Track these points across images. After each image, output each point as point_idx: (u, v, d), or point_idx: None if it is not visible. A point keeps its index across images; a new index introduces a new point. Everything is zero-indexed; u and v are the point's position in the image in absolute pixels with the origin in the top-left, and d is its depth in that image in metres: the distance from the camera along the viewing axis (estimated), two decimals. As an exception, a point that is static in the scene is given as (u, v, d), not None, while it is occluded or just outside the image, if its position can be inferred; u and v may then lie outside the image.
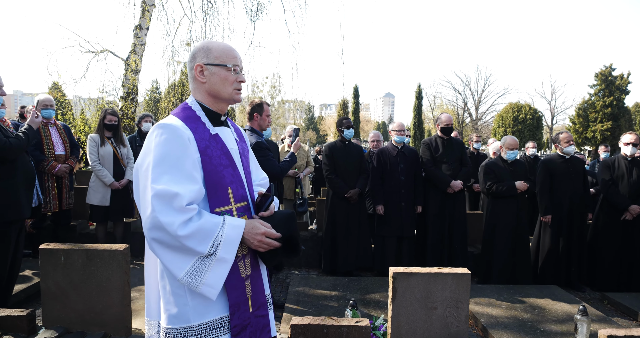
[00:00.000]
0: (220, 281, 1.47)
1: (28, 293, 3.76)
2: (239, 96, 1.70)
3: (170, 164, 1.45)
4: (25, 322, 2.29)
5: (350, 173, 4.97)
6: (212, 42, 1.68)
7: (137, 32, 10.98)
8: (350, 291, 4.11)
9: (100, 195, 4.76)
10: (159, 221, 1.37)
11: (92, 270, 2.32)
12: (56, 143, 4.71)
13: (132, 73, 10.70)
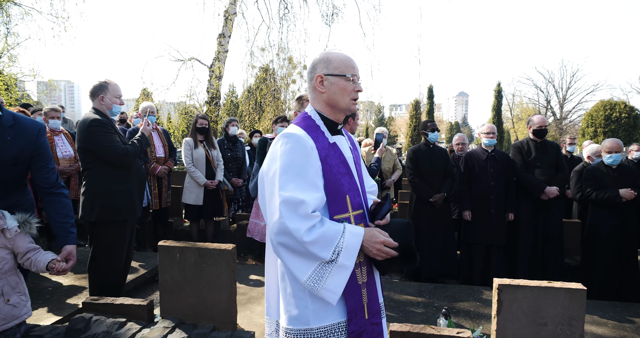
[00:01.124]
0: (340, 287, 1.51)
1: (137, 282, 4.13)
2: (355, 107, 1.74)
3: (296, 172, 1.52)
4: (146, 310, 2.52)
5: (435, 177, 4.85)
6: (331, 52, 1.72)
7: (220, 40, 11.61)
8: (437, 299, 4.01)
9: (194, 195, 5.10)
10: (286, 226, 1.44)
11: (203, 267, 2.49)
12: (157, 146, 5.13)
13: (215, 79, 11.32)
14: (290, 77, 14.09)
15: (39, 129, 2.26)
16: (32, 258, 2.14)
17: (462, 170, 4.81)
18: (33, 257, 2.14)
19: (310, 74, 1.74)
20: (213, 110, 10.95)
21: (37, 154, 2.24)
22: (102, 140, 3.20)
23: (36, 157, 2.24)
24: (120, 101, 3.44)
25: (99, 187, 3.24)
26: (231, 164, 5.86)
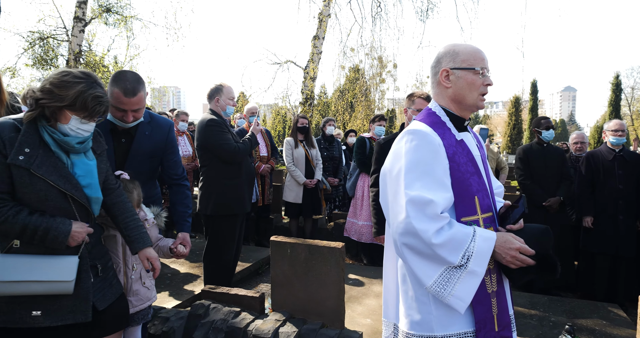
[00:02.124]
0: (470, 295, 1.41)
1: (243, 274, 4.37)
2: (483, 103, 1.62)
3: (423, 170, 1.46)
4: (258, 302, 2.64)
5: (549, 179, 4.42)
6: (458, 44, 1.62)
7: (314, 42, 11.87)
8: (554, 313, 3.65)
9: (294, 193, 5.26)
10: (413, 227, 1.39)
11: (312, 263, 2.54)
12: (261, 145, 5.38)
13: (310, 80, 11.61)
14: (380, 77, 13.98)
15: (170, 126, 2.52)
16: (159, 245, 2.34)
17: (584, 172, 4.33)
18: (160, 244, 2.34)
19: (434, 68, 1.66)
20: (307, 110, 11.24)
21: (168, 148, 2.49)
22: (217, 138, 3.44)
23: (167, 151, 2.49)
24: (233, 103, 3.65)
25: (214, 183, 3.49)
26: (327, 163, 5.94)
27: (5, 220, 1.57)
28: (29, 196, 1.63)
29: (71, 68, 1.66)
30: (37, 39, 10.90)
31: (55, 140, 1.67)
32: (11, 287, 1.60)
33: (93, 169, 1.78)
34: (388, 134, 5.11)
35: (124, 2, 11.43)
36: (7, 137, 1.60)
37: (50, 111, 1.65)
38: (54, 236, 1.63)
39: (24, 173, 1.60)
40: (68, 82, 1.64)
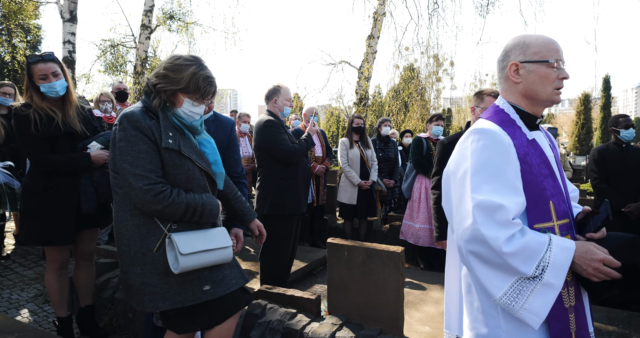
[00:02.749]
0: (545, 309, 1.29)
1: (297, 275, 4.37)
2: (559, 97, 1.48)
3: (491, 172, 1.35)
4: (314, 304, 2.62)
5: (629, 183, 4.03)
6: (528, 35, 1.49)
7: (369, 41, 11.76)
8: (635, 331, 3.32)
9: (349, 194, 5.21)
10: (480, 234, 1.29)
11: (370, 267, 2.48)
12: (316, 146, 5.38)
13: (364, 80, 11.50)
14: (435, 76, 13.58)
15: (232, 125, 2.63)
16: None
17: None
18: None
19: (501, 62, 1.54)
20: (361, 111, 11.14)
21: (230, 147, 2.57)
22: (273, 139, 3.47)
23: (229, 149, 2.57)
24: (290, 104, 3.67)
25: (271, 183, 3.52)
26: (383, 164, 5.83)
27: (172, 201, 1.66)
28: (180, 176, 1.74)
29: (181, 54, 1.80)
30: (109, 46, 11.69)
31: (184, 124, 1.79)
32: (197, 259, 1.69)
33: (215, 147, 1.93)
34: (446, 135, 4.92)
35: (185, 9, 11.97)
36: (151, 123, 1.70)
37: (167, 96, 1.75)
38: (210, 210, 1.77)
39: (174, 155, 1.71)
40: (181, 65, 1.73)
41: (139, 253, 1.72)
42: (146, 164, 1.66)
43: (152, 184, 1.65)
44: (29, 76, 2.56)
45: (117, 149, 1.69)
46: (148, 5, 9.98)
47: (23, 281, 3.95)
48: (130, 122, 1.68)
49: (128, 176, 1.66)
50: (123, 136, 1.68)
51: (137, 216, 1.73)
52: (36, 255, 4.57)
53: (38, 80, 2.55)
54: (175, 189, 1.71)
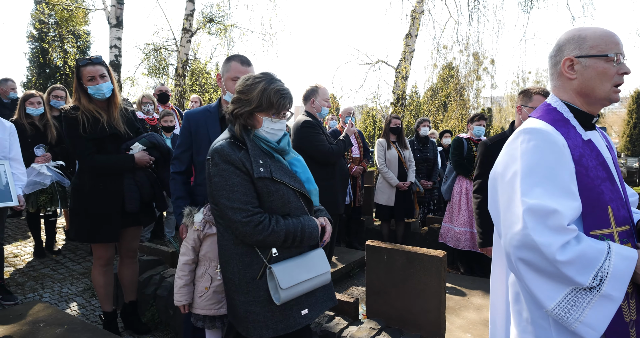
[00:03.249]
0: (603, 323, 1.19)
1: (334, 276, 4.35)
2: (617, 95, 1.37)
3: (543, 175, 1.27)
4: (352, 307, 2.58)
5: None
6: (584, 28, 1.39)
7: (407, 40, 11.58)
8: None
9: (386, 196, 5.13)
10: (532, 240, 1.21)
11: (411, 272, 2.41)
12: (353, 146, 5.33)
13: (401, 80, 11.34)
14: (475, 74, 13.21)
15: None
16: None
17: None
18: None
19: (554, 58, 1.44)
20: (399, 111, 10.99)
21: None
22: (311, 140, 3.46)
23: None
24: (328, 104, 3.65)
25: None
26: (421, 165, 5.70)
27: (272, 231, 1.64)
28: (276, 203, 1.71)
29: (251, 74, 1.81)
30: (152, 50, 12.10)
31: (272, 148, 1.75)
32: (297, 289, 1.67)
33: (305, 164, 1.88)
34: (487, 135, 4.74)
35: (224, 12, 12.20)
36: (240, 155, 1.68)
37: (244, 119, 1.73)
38: (309, 234, 1.72)
39: (267, 183, 1.68)
40: (250, 85, 1.72)
41: (242, 281, 1.71)
42: (241, 196, 1.65)
43: (250, 216, 1.63)
44: (78, 78, 2.66)
45: (213, 185, 1.69)
46: (189, 9, 10.26)
47: (72, 276, 4.14)
48: (221, 156, 1.67)
49: (226, 210, 1.65)
50: (216, 172, 1.68)
51: (240, 245, 1.72)
52: (84, 251, 4.77)
53: (86, 82, 2.65)
54: (273, 217, 1.68)
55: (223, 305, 2.16)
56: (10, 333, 2.54)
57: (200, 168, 2.40)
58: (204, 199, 2.37)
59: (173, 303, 3.05)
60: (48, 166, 4.08)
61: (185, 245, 2.17)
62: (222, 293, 2.17)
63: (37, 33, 18.86)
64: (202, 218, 2.15)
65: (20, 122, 4.10)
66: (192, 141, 2.39)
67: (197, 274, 2.18)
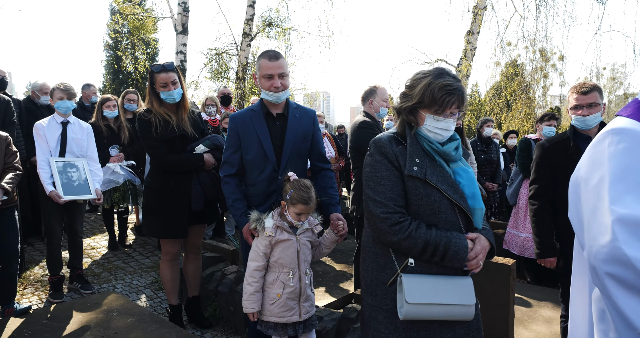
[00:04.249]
0: None
1: (391, 281, 4.27)
2: None
3: (635, 181, 1.14)
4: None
5: None
6: None
7: (468, 37, 11.17)
8: None
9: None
10: (623, 254, 1.09)
11: (476, 280, 2.28)
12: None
13: (462, 78, 10.94)
14: (542, 71, 12.43)
15: (314, 112, 2.61)
16: (322, 242, 2.31)
17: None
18: (322, 241, 2.32)
19: None
20: (458, 111, 10.62)
21: (314, 133, 2.56)
22: (367, 140, 3.41)
23: (315, 134, 2.56)
24: (387, 105, 3.59)
25: (365, 185, 3.47)
26: (485, 167, 5.45)
27: (409, 235, 1.50)
28: (423, 208, 1.56)
29: (423, 69, 1.67)
30: (214, 55, 12.61)
31: (434, 149, 1.61)
32: (426, 310, 1.51)
33: (474, 177, 1.67)
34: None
35: (283, 16, 12.44)
36: (396, 149, 1.59)
37: (406, 114, 1.63)
38: (454, 253, 1.51)
39: (418, 184, 1.55)
40: (417, 79, 1.61)
41: (373, 282, 1.63)
42: (387, 191, 1.55)
43: (390, 213, 1.52)
44: (152, 83, 2.82)
45: (364, 174, 1.64)
46: (249, 14, 10.57)
47: (142, 269, 4.40)
48: (377, 147, 1.61)
49: (369, 201, 1.58)
50: (369, 161, 1.63)
51: (377, 244, 1.63)
52: (152, 246, 5.06)
53: (159, 87, 2.80)
54: (415, 221, 1.54)
55: (295, 312, 2.13)
56: (88, 321, 2.74)
57: (250, 167, 2.42)
58: (258, 200, 2.39)
59: (234, 300, 3.15)
60: (121, 166, 4.36)
61: (255, 251, 2.15)
62: (295, 300, 2.15)
63: (112, 42, 20.36)
64: (273, 223, 2.14)
65: (97, 124, 4.42)
66: (240, 142, 2.41)
67: (268, 280, 2.15)
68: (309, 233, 2.25)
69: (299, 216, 2.11)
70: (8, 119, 3.69)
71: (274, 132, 2.42)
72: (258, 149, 2.37)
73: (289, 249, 2.13)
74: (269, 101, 2.40)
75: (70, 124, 3.63)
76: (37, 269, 4.23)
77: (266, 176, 2.38)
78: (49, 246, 3.60)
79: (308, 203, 2.09)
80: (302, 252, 2.16)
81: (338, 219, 2.31)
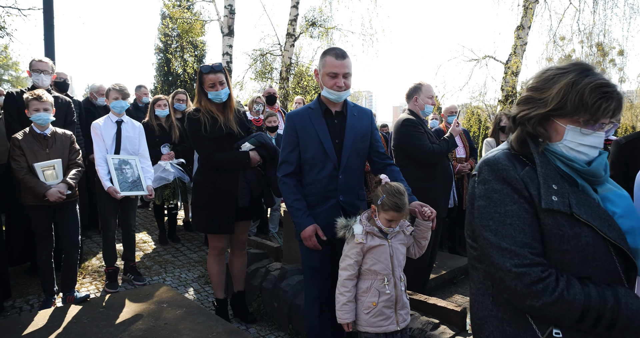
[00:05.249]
0: None
1: (437, 282, 4.17)
2: None
3: None
4: (459, 317, 2.44)
5: None
6: None
7: (518, 32, 10.72)
8: None
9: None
10: None
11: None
12: (459, 146, 5.06)
13: (511, 75, 10.52)
14: (600, 67, 11.72)
15: (371, 113, 2.57)
16: (413, 236, 2.16)
17: None
18: (414, 234, 2.15)
19: None
20: (508, 109, 10.21)
21: (373, 133, 2.51)
22: (411, 139, 3.35)
23: (372, 135, 2.51)
24: (432, 102, 3.51)
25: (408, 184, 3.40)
26: (536, 167, 5.20)
27: (559, 297, 1.06)
28: (571, 255, 1.11)
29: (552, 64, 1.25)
30: (259, 55, 12.85)
31: (575, 170, 1.18)
32: None
33: (631, 204, 1.21)
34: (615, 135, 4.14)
35: (326, 15, 12.49)
36: (522, 173, 1.17)
37: (533, 126, 1.21)
38: (628, 318, 1.06)
39: (562, 221, 1.11)
40: (550, 78, 1.19)
41: None
42: (517, 234, 1.12)
43: (527, 267, 1.09)
44: (200, 83, 2.91)
45: (475, 209, 1.22)
46: (293, 14, 10.69)
47: (189, 263, 4.55)
48: (494, 171, 1.19)
49: (490, 249, 1.15)
50: (483, 192, 1.20)
51: (503, 306, 1.20)
52: (200, 241, 5.23)
53: (207, 88, 2.88)
54: (563, 276, 1.09)
55: (392, 321, 2.01)
56: (140, 311, 2.87)
57: (309, 166, 2.40)
58: (315, 200, 2.36)
59: (277, 296, 3.20)
60: (172, 164, 4.54)
61: (346, 259, 2.05)
62: (392, 308, 2.02)
63: (162, 45, 21.25)
64: (363, 229, 2.03)
65: (150, 123, 4.63)
66: (298, 140, 2.39)
67: (361, 288, 2.04)
68: (401, 236, 2.14)
69: (390, 222, 2.02)
70: (69, 119, 3.93)
71: (332, 130, 2.40)
72: (317, 147, 2.35)
73: (382, 255, 2.02)
74: (330, 99, 2.38)
75: (124, 123, 3.82)
76: (94, 260, 4.48)
77: (326, 174, 2.36)
78: (105, 239, 3.81)
79: (401, 210, 1.98)
80: (395, 257, 2.05)
81: (420, 205, 2.16)
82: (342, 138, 2.38)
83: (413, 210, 2.15)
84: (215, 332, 2.56)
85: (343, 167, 2.34)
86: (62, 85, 4.83)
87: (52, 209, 3.22)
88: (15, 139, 3.12)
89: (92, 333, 2.53)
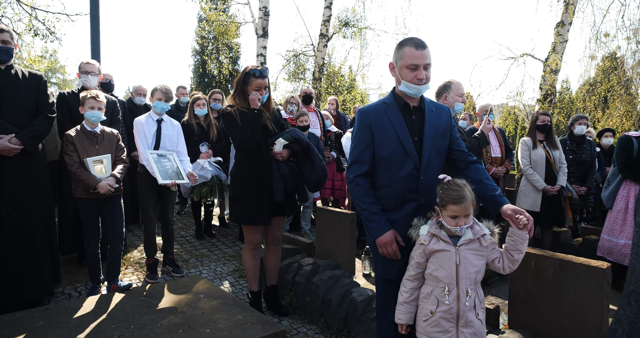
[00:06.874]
0: None
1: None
2: None
3: None
4: (492, 316, 2.43)
5: None
6: None
7: (558, 29, 10.36)
8: None
9: (530, 200, 4.67)
10: None
11: (564, 282, 2.16)
12: (493, 145, 4.98)
13: (550, 73, 10.18)
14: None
15: (449, 109, 2.33)
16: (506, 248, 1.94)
17: None
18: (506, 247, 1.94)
19: None
20: (547, 108, 9.89)
21: (452, 130, 2.29)
22: None
23: (452, 132, 2.28)
24: (462, 99, 3.47)
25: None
26: (573, 168, 5.03)
27: None
28: None
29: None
30: (292, 56, 13.01)
31: None
32: None
33: None
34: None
35: (359, 15, 12.48)
36: None
37: None
38: None
39: None
40: None
41: None
42: None
43: None
44: (244, 84, 3.02)
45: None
46: (326, 15, 10.76)
47: (224, 257, 4.70)
48: None
49: None
50: None
51: None
52: (234, 237, 5.38)
53: (251, 90, 2.99)
54: None
55: (452, 336, 1.84)
56: (179, 300, 3.00)
57: (386, 165, 2.16)
58: (392, 203, 2.14)
59: (309, 291, 3.27)
60: (210, 162, 4.70)
61: (410, 259, 2.01)
62: (452, 322, 1.85)
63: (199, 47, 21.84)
64: (428, 230, 1.94)
65: (190, 122, 4.81)
66: (372, 137, 2.16)
67: (423, 293, 1.95)
68: (475, 245, 1.91)
69: (454, 220, 1.87)
70: (114, 118, 4.15)
71: (411, 127, 2.17)
72: (396, 144, 2.12)
73: (446, 262, 1.87)
74: (408, 93, 2.14)
75: (164, 122, 4.00)
76: (136, 252, 4.70)
77: (406, 173, 2.11)
78: (146, 232, 4.00)
79: (459, 201, 1.84)
80: (462, 267, 1.86)
81: (514, 211, 1.90)
82: (421, 135, 2.16)
83: (510, 216, 1.91)
84: (250, 322, 2.65)
85: (424, 166, 2.11)
86: (108, 86, 5.09)
87: (99, 202, 3.41)
88: (68, 135, 3.33)
89: (135, 319, 2.68)
